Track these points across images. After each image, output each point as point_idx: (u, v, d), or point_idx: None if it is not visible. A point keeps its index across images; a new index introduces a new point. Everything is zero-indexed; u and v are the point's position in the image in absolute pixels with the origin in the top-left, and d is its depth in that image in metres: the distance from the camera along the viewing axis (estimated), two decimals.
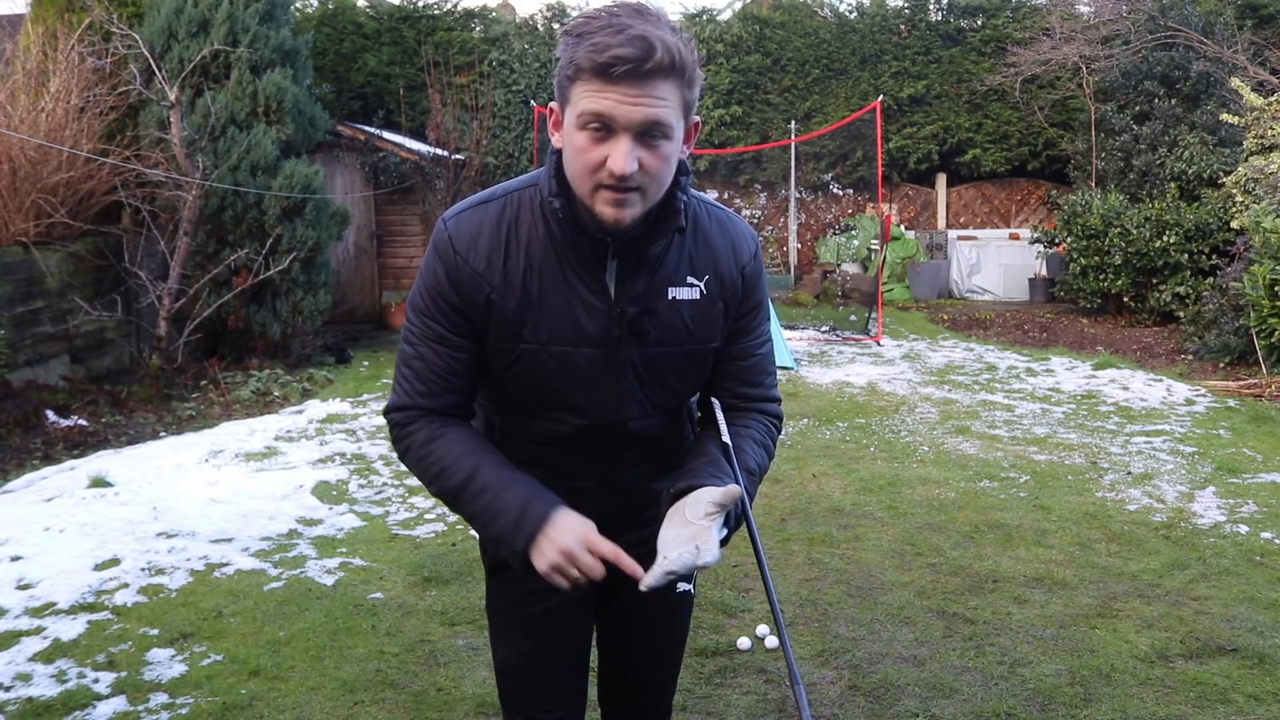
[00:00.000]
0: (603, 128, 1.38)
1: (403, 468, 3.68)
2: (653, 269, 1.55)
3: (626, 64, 1.34)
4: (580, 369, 1.57)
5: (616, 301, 1.54)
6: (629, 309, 1.54)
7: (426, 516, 4.97)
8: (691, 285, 1.59)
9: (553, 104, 1.49)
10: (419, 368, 1.60)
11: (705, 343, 1.63)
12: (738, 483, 1.53)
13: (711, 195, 15.16)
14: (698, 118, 1.51)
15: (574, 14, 14.41)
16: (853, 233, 14.91)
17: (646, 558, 1.49)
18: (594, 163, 1.40)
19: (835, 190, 15.05)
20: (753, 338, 1.70)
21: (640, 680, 1.93)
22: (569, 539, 1.48)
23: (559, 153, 1.51)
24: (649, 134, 1.39)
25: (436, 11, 14.73)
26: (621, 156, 1.38)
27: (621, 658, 1.91)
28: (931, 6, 15.02)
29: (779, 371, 9.44)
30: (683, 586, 1.81)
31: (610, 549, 1.48)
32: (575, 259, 1.52)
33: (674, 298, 1.57)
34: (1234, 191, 9.97)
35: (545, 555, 1.49)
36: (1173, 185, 11.73)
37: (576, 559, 1.47)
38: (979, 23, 14.91)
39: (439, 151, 12.25)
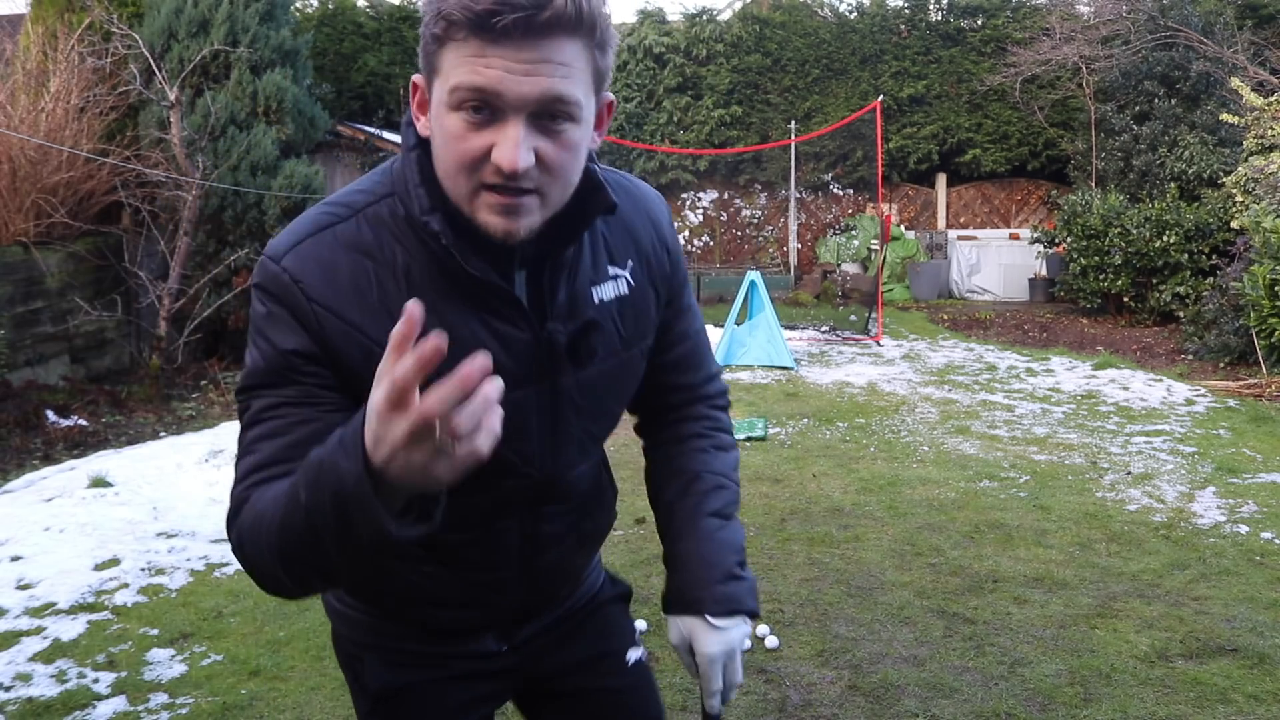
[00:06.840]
0: (484, 107, 1.01)
1: None
2: (571, 271, 1.18)
3: (515, 11, 0.97)
4: (508, 419, 0.94)
5: (539, 323, 1.17)
6: (558, 329, 1.17)
7: None
8: (616, 277, 1.23)
9: (416, 78, 1.10)
10: (270, 444, 1.08)
11: (640, 342, 1.29)
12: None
13: (711, 195, 15.22)
14: (611, 95, 1.14)
15: None
16: (853, 233, 14.91)
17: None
18: (473, 155, 1.02)
19: (835, 190, 15.05)
20: (688, 317, 1.38)
21: None
22: (376, 392, 0.85)
23: (419, 148, 1.12)
24: (549, 115, 1.02)
25: None
26: (511, 146, 1.00)
27: None
28: (931, 6, 15.03)
29: (779, 371, 9.39)
30: (634, 655, 1.49)
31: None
32: (472, 282, 1.11)
33: (600, 299, 1.21)
34: (1234, 191, 9.97)
35: (380, 419, 0.84)
36: (1173, 185, 11.73)
37: (396, 374, 0.82)
38: (979, 23, 14.92)
39: None
